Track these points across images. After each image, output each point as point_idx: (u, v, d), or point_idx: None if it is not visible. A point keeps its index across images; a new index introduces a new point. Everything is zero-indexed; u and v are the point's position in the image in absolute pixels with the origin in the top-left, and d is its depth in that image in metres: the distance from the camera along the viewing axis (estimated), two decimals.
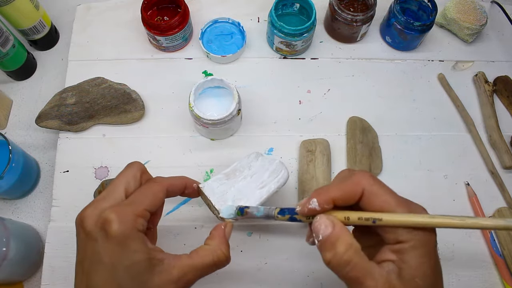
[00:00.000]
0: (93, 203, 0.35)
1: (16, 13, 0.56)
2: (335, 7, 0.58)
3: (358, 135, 0.56)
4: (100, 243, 0.33)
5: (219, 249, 0.37)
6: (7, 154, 0.48)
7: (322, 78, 0.61)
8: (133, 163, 0.39)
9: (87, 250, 0.33)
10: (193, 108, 0.50)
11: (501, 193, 0.55)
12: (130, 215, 0.33)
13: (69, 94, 0.56)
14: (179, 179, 0.41)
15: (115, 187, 0.36)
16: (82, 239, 0.34)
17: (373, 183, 0.32)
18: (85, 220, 0.34)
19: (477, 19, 0.62)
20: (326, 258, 0.30)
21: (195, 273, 0.35)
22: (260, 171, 0.45)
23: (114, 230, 0.32)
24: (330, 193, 0.32)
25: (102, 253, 0.32)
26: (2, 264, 0.44)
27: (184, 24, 0.58)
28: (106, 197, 0.35)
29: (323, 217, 0.32)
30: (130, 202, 0.35)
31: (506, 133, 0.58)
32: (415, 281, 0.30)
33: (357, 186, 0.32)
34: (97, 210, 0.34)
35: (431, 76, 0.62)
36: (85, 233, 0.33)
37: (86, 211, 0.34)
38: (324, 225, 0.31)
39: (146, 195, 0.36)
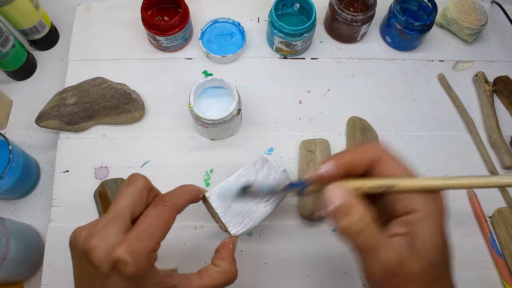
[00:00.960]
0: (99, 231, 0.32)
1: (16, 13, 0.56)
2: (335, 7, 0.58)
3: (358, 135, 0.56)
4: (112, 281, 0.31)
5: (230, 270, 0.37)
6: (7, 154, 0.48)
7: (322, 78, 0.61)
8: (137, 178, 0.35)
9: (96, 284, 0.31)
10: (193, 108, 0.50)
11: (501, 193, 0.55)
12: (144, 253, 0.31)
13: (69, 94, 0.56)
14: (187, 194, 0.38)
15: (119, 210, 0.33)
16: (88, 272, 0.32)
17: (385, 150, 0.32)
18: (93, 252, 0.31)
19: (477, 19, 0.62)
20: (341, 225, 0.30)
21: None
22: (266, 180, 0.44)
23: (129, 272, 0.30)
24: (343, 157, 0.32)
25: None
26: (2, 264, 0.44)
27: (184, 24, 0.58)
28: (111, 223, 0.32)
29: (334, 187, 0.31)
30: (142, 236, 0.32)
31: (506, 133, 0.58)
32: (428, 254, 0.29)
33: (369, 152, 0.32)
34: (106, 243, 0.31)
35: (431, 76, 0.62)
36: (93, 266, 0.31)
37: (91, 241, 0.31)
38: (337, 192, 0.30)
39: (158, 227, 0.33)
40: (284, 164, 0.55)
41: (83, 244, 0.31)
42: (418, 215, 0.29)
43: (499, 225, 0.53)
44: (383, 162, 0.31)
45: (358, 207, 0.30)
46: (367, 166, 0.32)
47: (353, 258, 0.50)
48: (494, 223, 0.53)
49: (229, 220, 0.41)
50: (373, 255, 0.29)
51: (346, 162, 0.32)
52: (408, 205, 0.30)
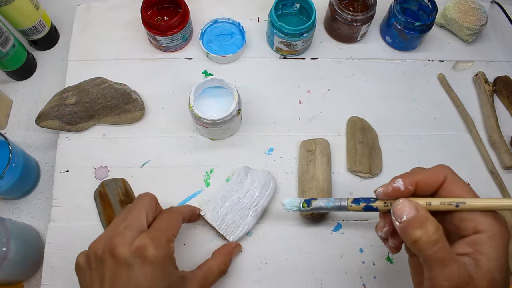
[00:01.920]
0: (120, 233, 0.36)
1: (16, 13, 0.56)
2: (335, 7, 0.58)
3: (358, 135, 0.56)
4: (137, 269, 0.34)
5: (223, 262, 0.44)
6: (7, 154, 0.48)
7: (322, 78, 0.61)
8: (146, 194, 0.42)
9: (120, 277, 0.34)
10: (193, 108, 0.50)
11: (501, 193, 0.55)
12: (164, 241, 0.37)
13: (69, 94, 0.56)
14: (188, 209, 0.47)
15: (137, 216, 0.38)
16: (111, 268, 0.35)
17: (453, 173, 0.33)
18: (117, 248, 0.35)
19: (477, 19, 0.62)
20: (415, 236, 0.30)
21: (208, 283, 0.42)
22: (251, 188, 0.50)
23: (152, 254, 0.35)
24: (415, 176, 0.33)
25: (141, 278, 0.34)
26: (2, 264, 0.44)
27: (184, 24, 0.58)
28: (129, 227, 0.37)
29: (405, 201, 0.31)
30: (159, 229, 0.38)
31: (506, 133, 0.58)
32: (493, 274, 0.30)
33: (440, 173, 0.33)
34: (128, 239, 0.36)
35: (431, 76, 0.62)
36: (117, 261, 0.35)
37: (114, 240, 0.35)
38: (409, 207, 0.31)
39: (171, 222, 0.40)
40: (284, 164, 0.55)
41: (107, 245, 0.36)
42: (485, 235, 0.30)
43: None
44: (450, 182, 0.33)
45: (432, 219, 0.31)
46: (438, 187, 0.33)
47: (353, 258, 0.51)
48: None
49: (225, 230, 0.49)
50: (442, 268, 0.30)
51: (418, 181, 0.33)
52: (475, 225, 0.31)
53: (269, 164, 0.55)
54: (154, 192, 0.53)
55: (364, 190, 0.55)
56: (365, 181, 0.55)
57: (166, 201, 0.53)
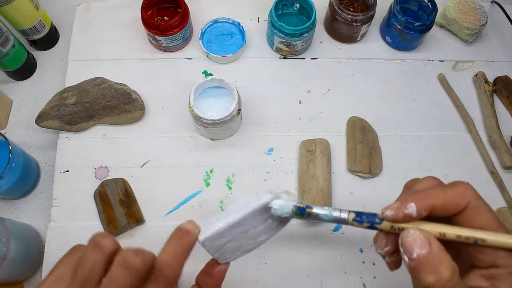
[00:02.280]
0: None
1: (16, 13, 0.56)
2: (335, 7, 0.58)
3: (358, 135, 0.56)
4: None
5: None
6: (7, 154, 0.48)
7: (322, 78, 0.61)
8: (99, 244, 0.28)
9: None
10: (193, 108, 0.50)
11: (501, 193, 0.55)
12: None
13: (69, 94, 0.56)
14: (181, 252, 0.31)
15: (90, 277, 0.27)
16: None
17: (478, 197, 0.28)
18: None
19: (477, 19, 0.62)
20: (428, 281, 0.26)
21: None
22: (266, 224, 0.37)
23: None
24: (431, 199, 0.28)
25: None
26: (2, 264, 0.44)
27: (184, 24, 0.58)
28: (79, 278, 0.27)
29: (417, 232, 0.27)
30: None
31: (506, 133, 0.58)
32: None
33: (462, 197, 0.28)
34: None
35: (431, 76, 0.62)
36: None
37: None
38: (420, 241, 0.26)
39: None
40: (284, 164, 0.55)
41: None
42: (503, 271, 0.27)
43: None
44: (474, 210, 0.28)
45: (447, 261, 0.26)
46: (457, 213, 0.28)
47: (353, 258, 0.51)
48: None
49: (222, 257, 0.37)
50: None
51: (434, 206, 0.28)
52: (494, 259, 0.27)
53: (269, 164, 0.55)
54: (154, 192, 0.53)
55: (364, 190, 0.55)
56: (365, 181, 0.55)
57: (166, 201, 0.53)
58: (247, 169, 0.55)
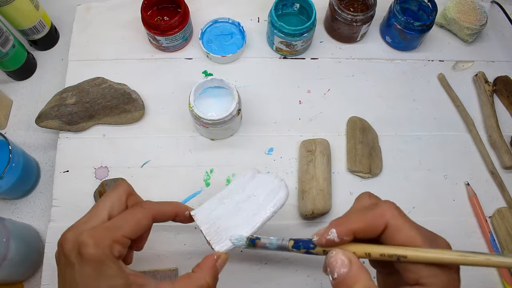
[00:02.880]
0: (75, 226, 0.34)
1: (16, 13, 0.56)
2: (335, 7, 0.58)
3: (358, 135, 0.56)
4: (77, 268, 0.31)
5: (203, 278, 0.35)
6: (7, 154, 0.48)
7: (322, 78, 0.61)
8: (120, 184, 0.37)
9: (66, 276, 0.32)
10: (193, 108, 0.50)
11: (501, 193, 0.55)
12: (106, 240, 0.32)
13: (69, 94, 0.56)
14: (170, 206, 0.39)
15: (98, 209, 0.35)
16: (62, 264, 0.33)
17: (398, 216, 0.29)
18: (64, 243, 0.33)
19: (477, 19, 0.62)
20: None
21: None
22: (255, 193, 0.40)
23: (89, 253, 0.31)
24: (350, 224, 0.29)
25: (78, 279, 0.31)
26: (2, 264, 0.44)
27: (184, 24, 0.58)
28: (87, 221, 0.34)
29: (339, 253, 0.29)
30: (109, 226, 0.34)
31: (506, 133, 0.58)
32: None
33: (380, 218, 0.29)
34: (77, 234, 0.33)
35: (431, 76, 0.62)
36: (65, 257, 0.32)
37: (66, 234, 0.33)
38: (340, 262, 0.28)
39: (127, 221, 0.34)
40: (284, 164, 0.55)
41: (60, 239, 0.34)
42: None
43: (499, 225, 0.53)
44: (393, 229, 0.29)
45: (363, 280, 0.28)
46: (377, 234, 0.29)
47: None
48: (494, 223, 0.53)
49: (213, 237, 0.39)
50: None
51: (355, 230, 0.29)
52: (418, 277, 0.28)
53: (269, 164, 0.55)
54: (154, 192, 0.53)
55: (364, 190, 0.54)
56: (365, 181, 0.55)
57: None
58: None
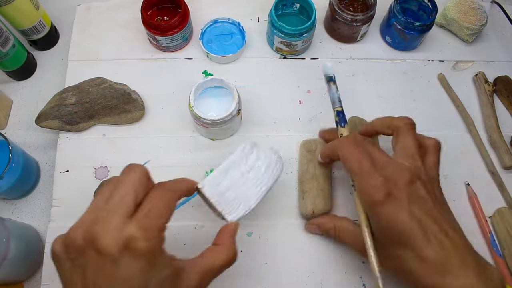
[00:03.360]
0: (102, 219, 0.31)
1: (16, 13, 0.56)
2: (335, 7, 0.58)
3: None
4: (124, 265, 0.30)
5: (231, 249, 0.37)
6: (7, 154, 0.48)
7: (322, 78, 0.61)
8: (135, 167, 0.35)
9: (105, 273, 0.30)
10: (193, 108, 0.50)
11: (501, 193, 0.55)
12: (154, 229, 0.32)
13: (69, 94, 0.56)
14: (183, 183, 0.38)
15: (123, 197, 0.32)
16: (93, 262, 0.30)
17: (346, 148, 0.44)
18: (99, 239, 0.30)
19: (477, 19, 0.62)
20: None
21: (211, 274, 0.36)
22: (256, 165, 0.44)
23: (142, 247, 0.30)
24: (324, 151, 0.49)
25: (129, 275, 0.30)
26: (2, 264, 0.44)
27: (184, 24, 0.58)
28: (114, 210, 0.32)
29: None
30: (150, 215, 0.32)
31: (506, 133, 0.58)
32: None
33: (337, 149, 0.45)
34: (112, 227, 0.30)
35: (431, 76, 0.62)
36: (100, 254, 0.30)
37: (95, 228, 0.31)
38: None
39: (164, 207, 0.34)
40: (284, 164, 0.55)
41: (88, 234, 0.31)
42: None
43: (499, 225, 0.53)
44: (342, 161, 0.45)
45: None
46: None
47: (353, 258, 0.51)
48: (494, 223, 0.53)
49: (224, 207, 0.41)
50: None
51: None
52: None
53: None
54: None
55: None
56: None
57: None
58: None
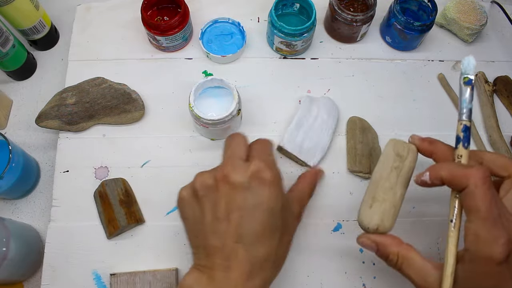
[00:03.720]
0: (227, 163, 0.39)
1: (16, 13, 0.56)
2: (335, 7, 0.58)
3: (358, 135, 0.56)
4: (255, 191, 0.36)
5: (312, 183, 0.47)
6: (7, 154, 0.48)
7: (322, 78, 0.61)
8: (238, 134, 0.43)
9: (237, 200, 0.36)
10: (193, 108, 0.50)
11: None
12: (273, 163, 0.40)
13: (69, 94, 0.56)
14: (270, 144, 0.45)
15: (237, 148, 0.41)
16: (226, 193, 0.37)
17: (481, 185, 0.33)
18: (231, 175, 0.37)
19: (477, 19, 0.62)
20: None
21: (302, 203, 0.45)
22: (319, 113, 0.55)
23: (270, 176, 0.37)
24: (441, 171, 0.36)
25: (260, 199, 0.36)
26: (2, 264, 0.44)
27: (184, 24, 0.58)
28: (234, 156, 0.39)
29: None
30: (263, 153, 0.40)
31: (506, 133, 0.58)
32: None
33: (464, 179, 0.33)
34: (238, 166, 0.38)
35: (431, 76, 0.62)
36: (233, 186, 0.36)
37: (225, 169, 0.38)
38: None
39: (270, 148, 0.42)
40: (285, 164, 0.55)
41: (219, 174, 0.38)
42: None
43: None
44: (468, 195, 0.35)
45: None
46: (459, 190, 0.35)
47: (353, 258, 0.51)
48: None
49: (304, 156, 0.53)
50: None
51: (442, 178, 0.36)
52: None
53: None
54: (154, 192, 0.53)
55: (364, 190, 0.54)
56: (365, 181, 0.55)
57: (166, 201, 0.53)
58: None
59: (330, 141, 0.55)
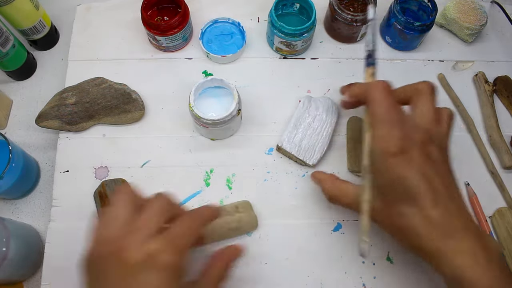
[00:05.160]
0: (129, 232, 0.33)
1: (16, 13, 0.56)
2: (335, 7, 0.58)
3: (358, 135, 0.56)
4: (147, 276, 0.31)
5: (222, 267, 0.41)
6: (7, 154, 0.48)
7: (322, 78, 0.61)
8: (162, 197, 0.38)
9: (128, 283, 0.32)
10: (193, 108, 0.50)
11: (501, 193, 0.55)
12: (181, 248, 0.34)
13: (69, 94, 0.56)
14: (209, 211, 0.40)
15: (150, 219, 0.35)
16: (118, 273, 0.32)
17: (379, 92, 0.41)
18: (126, 250, 0.32)
19: (477, 19, 0.62)
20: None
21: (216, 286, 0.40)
22: (317, 114, 0.55)
23: (167, 261, 0.32)
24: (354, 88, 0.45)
25: (150, 286, 0.31)
26: (2, 264, 0.44)
27: (184, 24, 0.58)
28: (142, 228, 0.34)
29: None
30: (176, 235, 0.35)
31: (506, 133, 0.58)
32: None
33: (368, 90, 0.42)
34: (140, 241, 0.33)
35: (431, 76, 0.62)
36: (125, 265, 0.32)
37: (122, 241, 0.33)
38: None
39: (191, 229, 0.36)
40: (285, 164, 0.55)
41: (115, 246, 0.33)
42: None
43: (499, 225, 0.53)
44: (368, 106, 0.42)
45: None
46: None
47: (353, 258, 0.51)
48: (494, 223, 0.53)
49: (303, 156, 0.53)
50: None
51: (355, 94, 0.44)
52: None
53: (269, 164, 0.55)
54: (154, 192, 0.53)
55: None
56: None
57: None
58: (247, 169, 0.55)
59: (330, 140, 0.54)
